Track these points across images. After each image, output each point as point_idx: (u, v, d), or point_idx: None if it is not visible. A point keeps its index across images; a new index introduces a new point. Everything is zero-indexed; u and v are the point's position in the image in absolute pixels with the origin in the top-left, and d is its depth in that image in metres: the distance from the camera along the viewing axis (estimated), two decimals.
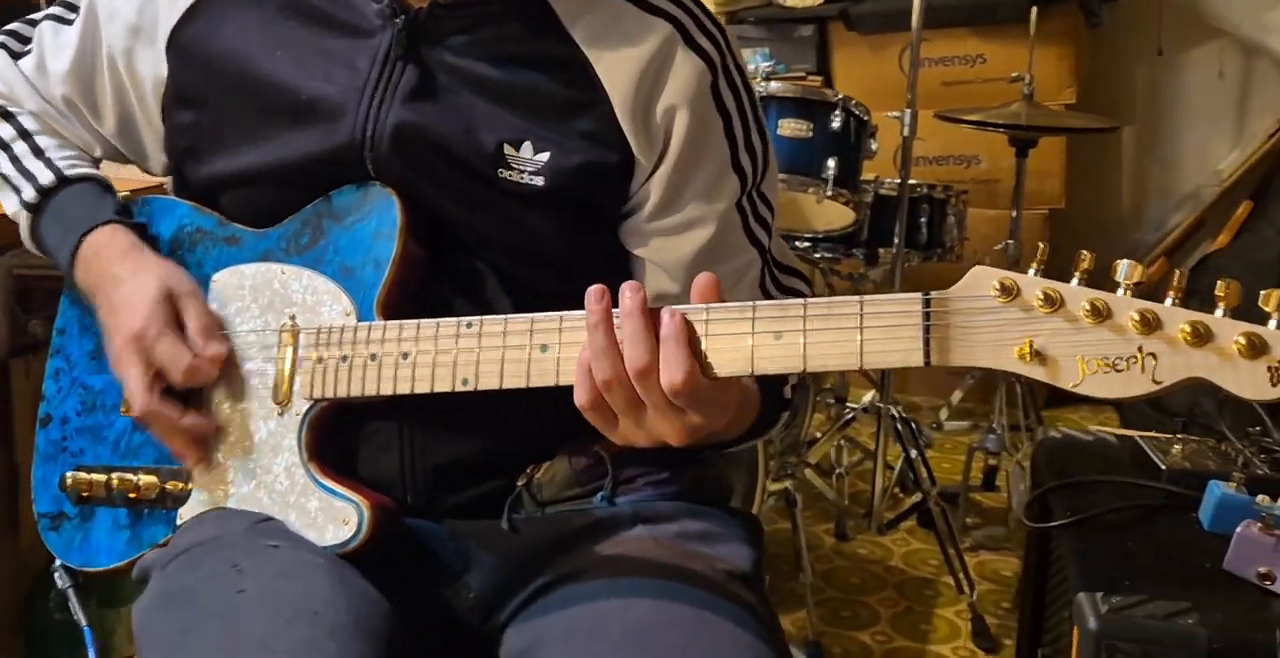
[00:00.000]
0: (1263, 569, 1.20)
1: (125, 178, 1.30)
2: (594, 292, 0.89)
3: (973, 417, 3.21)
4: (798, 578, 2.32)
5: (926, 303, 0.82)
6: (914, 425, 2.58)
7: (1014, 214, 2.73)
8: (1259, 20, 3.66)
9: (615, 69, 1.05)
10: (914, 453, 2.52)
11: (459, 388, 0.96)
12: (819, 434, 2.70)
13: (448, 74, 1.06)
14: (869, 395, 2.65)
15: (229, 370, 1.08)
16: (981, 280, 0.81)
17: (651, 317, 0.88)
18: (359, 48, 1.07)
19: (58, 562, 1.18)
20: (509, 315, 0.96)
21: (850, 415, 2.62)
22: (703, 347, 0.88)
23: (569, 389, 0.93)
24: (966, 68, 3.51)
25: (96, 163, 1.23)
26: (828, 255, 2.61)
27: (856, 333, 0.84)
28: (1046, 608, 1.57)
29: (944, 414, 3.05)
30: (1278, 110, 3.68)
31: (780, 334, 0.86)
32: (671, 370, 0.86)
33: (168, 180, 1.24)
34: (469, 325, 0.97)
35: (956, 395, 3.03)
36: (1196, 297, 0.78)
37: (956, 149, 3.51)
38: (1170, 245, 3.80)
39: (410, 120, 1.05)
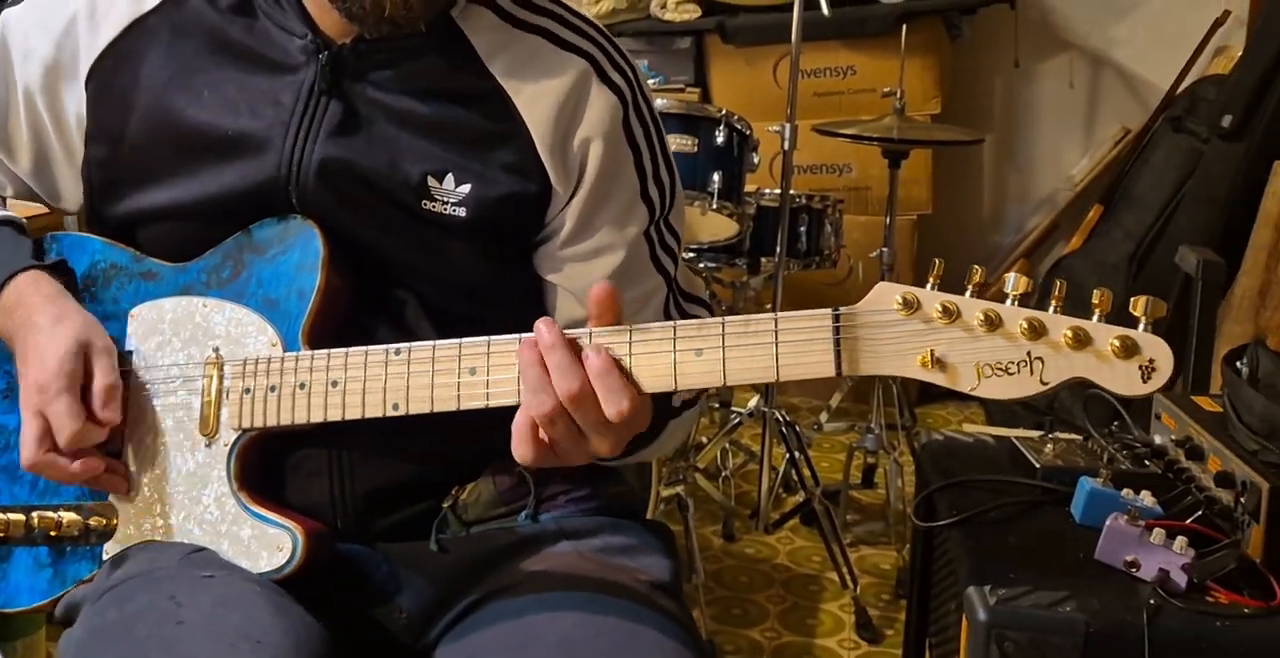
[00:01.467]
0: (1129, 558, 1.30)
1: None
2: (527, 343, 0.93)
3: (850, 417, 3.33)
4: (689, 580, 2.39)
5: (836, 318, 0.89)
6: (797, 428, 2.67)
7: (887, 222, 2.84)
8: (1105, 33, 3.87)
9: (534, 103, 1.09)
10: (797, 454, 2.61)
11: (390, 413, 0.99)
12: (705, 439, 2.77)
13: (371, 108, 1.09)
14: (754, 400, 2.73)
15: (153, 405, 1.09)
16: (885, 295, 0.89)
17: (572, 346, 0.92)
18: (283, 83, 1.09)
19: None
20: (436, 342, 0.99)
21: (736, 420, 2.70)
22: (628, 365, 0.93)
23: (494, 413, 0.97)
24: (838, 79, 3.62)
25: (3, 202, 1.22)
26: (711, 265, 2.68)
27: (772, 348, 0.90)
28: (932, 601, 1.66)
29: (824, 416, 3.15)
30: (1122, 118, 3.89)
31: (701, 351, 0.91)
32: (616, 401, 0.90)
33: (72, 219, 1.23)
34: (397, 353, 1.00)
35: (836, 398, 3.13)
36: (1051, 296, 0.87)
37: (829, 158, 3.63)
38: (1028, 248, 4.00)
39: (335, 155, 1.07)
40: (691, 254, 2.62)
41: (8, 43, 1.16)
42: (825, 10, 2.49)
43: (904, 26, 3.05)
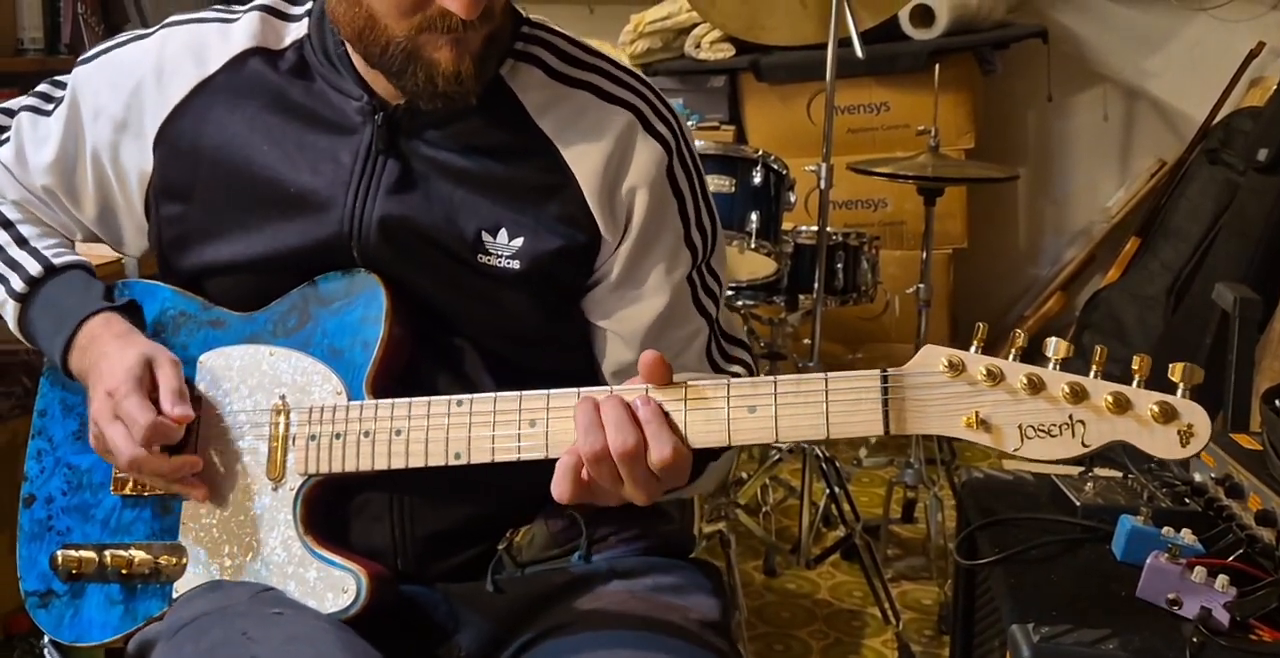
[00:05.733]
0: (1171, 596, 1.31)
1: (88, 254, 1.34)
2: (587, 399, 0.98)
3: (889, 452, 3.33)
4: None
5: (884, 379, 0.92)
6: (836, 464, 2.69)
7: (924, 257, 2.87)
8: (1138, 66, 3.89)
9: (582, 156, 1.14)
10: (837, 490, 2.63)
11: (452, 462, 1.03)
12: (745, 475, 2.79)
13: (426, 166, 1.13)
14: None
15: (221, 449, 1.13)
16: (932, 358, 0.92)
17: (627, 406, 0.97)
18: (342, 143, 1.14)
19: (46, 639, 1.21)
20: (497, 394, 1.03)
21: (776, 456, 2.72)
22: (683, 421, 0.96)
23: (547, 461, 1.01)
24: (871, 115, 3.66)
25: (72, 245, 1.27)
26: (750, 302, 2.71)
27: (823, 406, 0.93)
28: (975, 638, 1.67)
29: (863, 451, 3.16)
30: (1158, 150, 3.90)
31: (754, 408, 0.95)
32: (661, 448, 0.95)
33: (131, 260, 1.29)
34: (459, 404, 1.04)
35: None
36: (1090, 329, 0.90)
37: (864, 194, 3.66)
38: (1065, 280, 4.00)
39: (395, 212, 1.12)
40: (730, 292, 2.65)
41: (78, 99, 1.22)
42: (860, 53, 2.52)
43: (937, 63, 3.09)
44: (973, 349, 0.92)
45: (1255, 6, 3.71)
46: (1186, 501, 1.54)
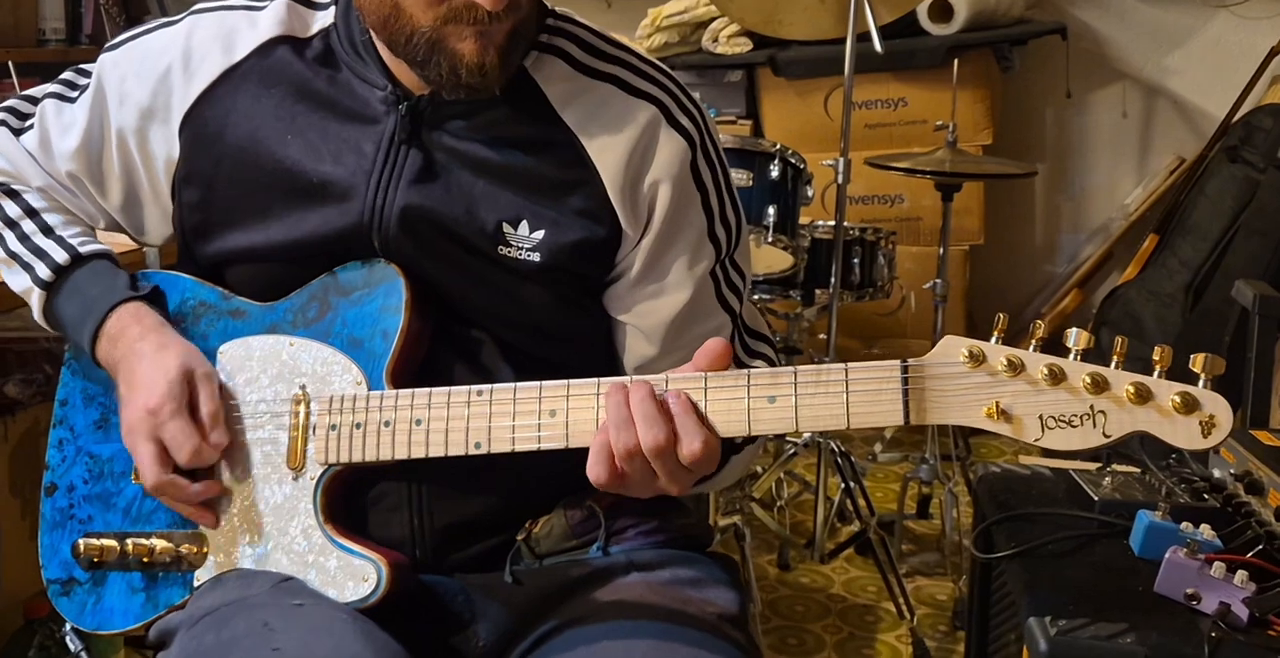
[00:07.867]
0: (1189, 591, 1.31)
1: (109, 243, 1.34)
2: (615, 386, 0.98)
3: (904, 447, 3.33)
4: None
5: (905, 369, 0.92)
6: (851, 459, 2.69)
7: (940, 252, 2.86)
8: (1158, 63, 3.87)
9: (605, 150, 1.13)
10: (852, 485, 2.63)
11: (472, 452, 1.03)
12: (761, 469, 2.80)
13: (449, 157, 1.13)
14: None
15: (242, 439, 1.14)
16: (952, 348, 0.92)
17: (658, 400, 0.97)
18: (365, 133, 1.14)
19: (68, 625, 1.22)
20: (517, 384, 1.03)
21: (791, 451, 2.72)
22: (706, 411, 0.97)
23: (566, 451, 1.01)
24: (889, 110, 3.65)
25: (94, 233, 1.27)
26: (766, 297, 2.71)
27: (843, 396, 0.93)
28: (991, 632, 1.67)
29: (878, 447, 3.16)
30: (1177, 148, 3.88)
31: (774, 398, 0.95)
32: (690, 441, 0.95)
33: (151, 251, 1.29)
34: (479, 393, 1.04)
35: (890, 428, 3.15)
36: (1107, 327, 0.90)
37: (881, 189, 3.65)
38: (1082, 277, 3.98)
39: (416, 202, 1.12)
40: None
41: (104, 86, 1.22)
42: (879, 47, 2.52)
43: (955, 59, 3.08)
44: (993, 340, 0.92)
45: (1276, 4, 3.69)
46: (1205, 496, 1.54)
